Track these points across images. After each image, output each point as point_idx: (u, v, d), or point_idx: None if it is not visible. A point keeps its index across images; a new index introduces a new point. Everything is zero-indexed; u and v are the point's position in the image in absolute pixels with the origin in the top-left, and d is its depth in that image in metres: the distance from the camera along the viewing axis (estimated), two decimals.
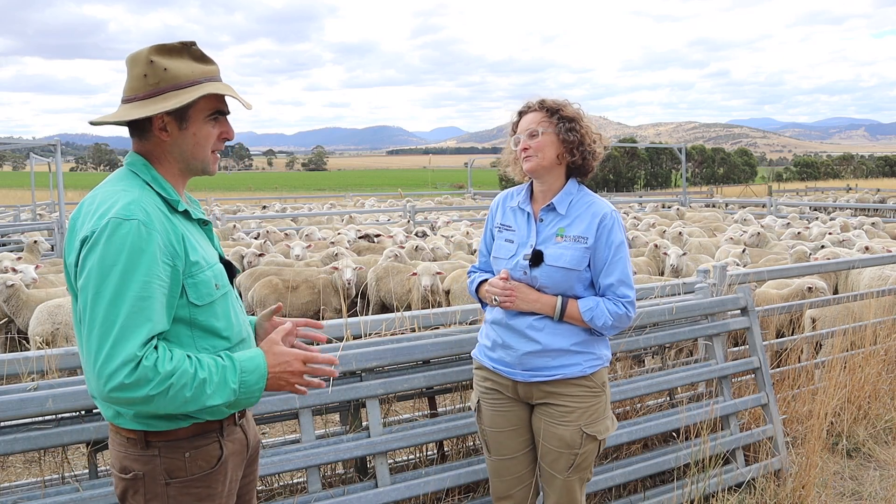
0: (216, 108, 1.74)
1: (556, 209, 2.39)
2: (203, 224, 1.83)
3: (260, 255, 8.64)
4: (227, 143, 1.82)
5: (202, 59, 1.72)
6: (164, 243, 1.59)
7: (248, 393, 1.63)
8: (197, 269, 1.67)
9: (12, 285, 6.39)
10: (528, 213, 2.44)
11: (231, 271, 1.83)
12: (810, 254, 7.68)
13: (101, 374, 1.50)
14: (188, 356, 1.58)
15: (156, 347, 1.54)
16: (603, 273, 2.35)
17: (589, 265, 2.36)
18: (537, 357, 2.38)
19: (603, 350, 2.46)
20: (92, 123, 1.78)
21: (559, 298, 2.34)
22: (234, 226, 12.76)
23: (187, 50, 1.70)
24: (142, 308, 1.52)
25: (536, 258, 2.35)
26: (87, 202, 1.64)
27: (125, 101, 1.69)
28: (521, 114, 2.45)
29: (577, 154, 2.36)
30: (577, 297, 2.37)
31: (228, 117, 1.80)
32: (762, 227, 10.26)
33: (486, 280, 2.49)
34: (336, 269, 7.37)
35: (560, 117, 2.35)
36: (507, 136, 2.51)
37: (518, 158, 2.41)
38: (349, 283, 7.18)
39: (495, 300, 2.36)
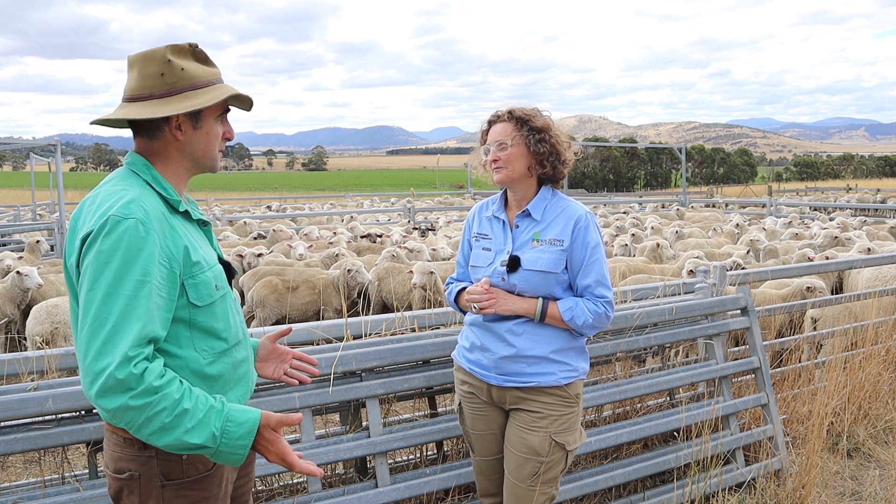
0: (224, 108, 1.77)
1: (532, 215, 2.39)
2: (202, 224, 1.82)
3: (259, 255, 8.64)
4: (228, 143, 1.83)
5: (205, 61, 1.74)
6: (161, 244, 1.57)
7: (231, 446, 1.54)
8: (198, 270, 1.65)
9: (41, 286, 6.51)
10: (504, 221, 2.45)
11: (229, 272, 1.82)
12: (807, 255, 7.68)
13: (87, 371, 1.47)
14: (180, 381, 1.53)
15: (149, 359, 1.50)
16: (580, 274, 2.35)
17: (566, 267, 2.35)
18: (513, 362, 2.37)
19: (581, 363, 2.44)
20: (98, 123, 1.75)
21: (540, 300, 2.34)
22: (245, 222, 12.81)
23: (192, 52, 1.71)
24: (134, 307, 1.49)
25: (513, 264, 2.34)
26: (88, 202, 1.63)
27: (134, 98, 1.66)
28: (490, 123, 2.43)
29: (548, 165, 2.36)
30: (556, 300, 2.36)
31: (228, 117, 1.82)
32: (764, 228, 10.46)
33: (464, 289, 2.47)
34: (411, 272, 6.84)
35: (530, 128, 2.34)
36: (478, 143, 2.49)
37: (488, 166, 2.41)
38: (417, 287, 6.55)
39: (474, 307, 2.35)
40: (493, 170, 2.38)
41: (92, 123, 1.77)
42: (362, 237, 10.66)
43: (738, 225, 11.57)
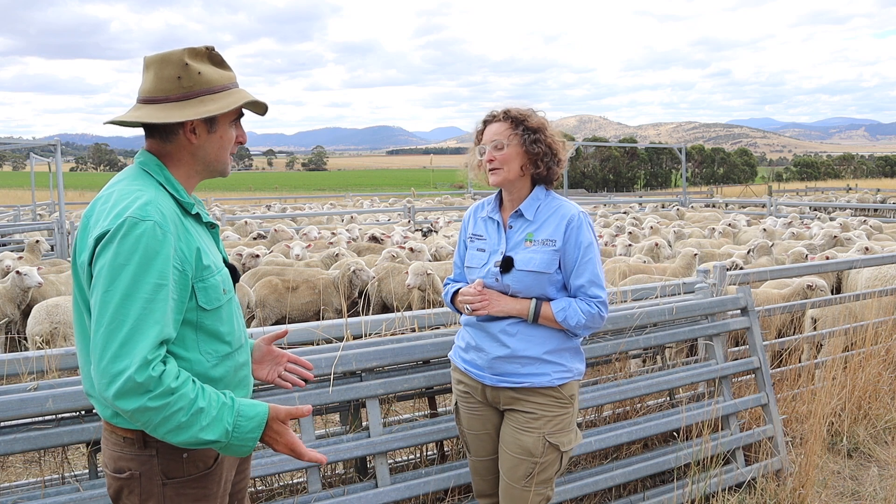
0: (238, 113, 1.76)
1: (524, 215, 2.39)
2: (210, 227, 1.82)
3: (255, 256, 8.63)
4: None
5: (221, 64, 1.74)
6: (175, 247, 1.58)
7: (241, 439, 1.58)
8: (208, 274, 1.66)
9: (41, 284, 6.50)
10: (498, 222, 2.45)
11: (234, 276, 1.83)
12: (807, 255, 7.69)
13: (104, 373, 1.48)
14: (193, 381, 1.56)
15: (164, 361, 1.52)
16: (573, 274, 2.34)
17: (559, 267, 2.35)
18: (507, 362, 2.37)
19: (576, 363, 2.44)
20: (112, 123, 1.74)
21: (533, 301, 2.34)
22: (246, 222, 12.82)
23: (209, 55, 1.71)
24: (152, 310, 1.50)
25: (507, 264, 2.35)
26: (102, 200, 1.62)
27: (150, 101, 1.66)
28: (485, 123, 2.43)
29: (542, 165, 2.36)
30: (551, 300, 2.36)
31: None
32: (764, 229, 10.50)
33: (459, 289, 2.47)
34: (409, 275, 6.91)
35: (525, 128, 2.34)
36: (472, 144, 2.49)
37: (482, 166, 2.41)
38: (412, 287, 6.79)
39: (468, 308, 2.36)
40: (490, 171, 2.38)
41: (106, 124, 1.78)
42: (369, 239, 10.68)
43: (731, 224, 11.64)
